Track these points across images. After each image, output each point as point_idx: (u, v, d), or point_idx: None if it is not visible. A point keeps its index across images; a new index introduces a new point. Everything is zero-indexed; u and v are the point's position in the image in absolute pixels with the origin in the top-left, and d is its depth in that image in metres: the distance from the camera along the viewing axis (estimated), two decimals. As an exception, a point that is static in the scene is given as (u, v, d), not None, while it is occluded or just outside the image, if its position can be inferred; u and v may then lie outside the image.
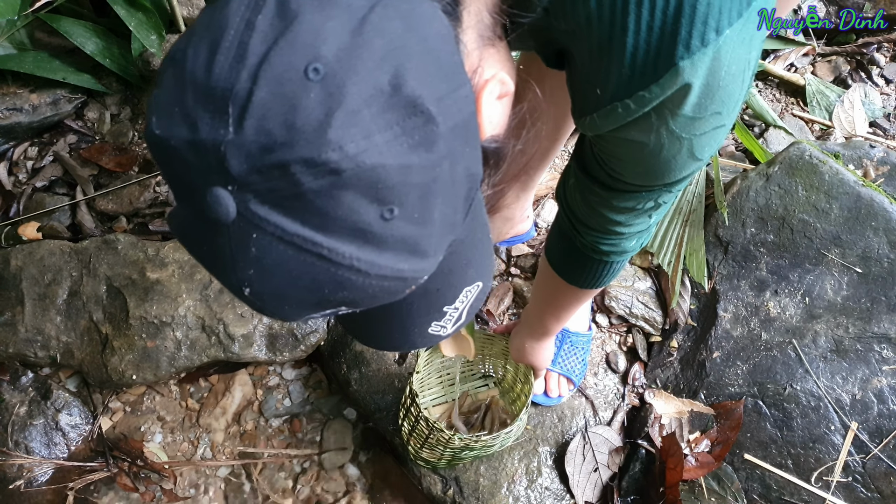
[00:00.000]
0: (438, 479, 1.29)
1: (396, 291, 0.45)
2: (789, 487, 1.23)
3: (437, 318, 0.54)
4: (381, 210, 0.40)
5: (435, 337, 0.56)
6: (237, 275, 0.42)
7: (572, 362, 1.34)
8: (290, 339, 1.40)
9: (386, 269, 0.42)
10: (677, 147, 0.60)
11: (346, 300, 0.43)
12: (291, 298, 0.43)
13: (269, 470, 1.37)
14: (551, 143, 1.23)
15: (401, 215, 0.41)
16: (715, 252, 1.42)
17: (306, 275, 0.41)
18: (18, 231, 1.53)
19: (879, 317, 1.28)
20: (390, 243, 0.41)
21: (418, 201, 0.41)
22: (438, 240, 0.45)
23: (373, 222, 0.40)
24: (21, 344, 1.38)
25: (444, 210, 0.44)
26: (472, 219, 0.50)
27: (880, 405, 1.24)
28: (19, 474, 1.33)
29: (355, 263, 0.41)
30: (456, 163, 0.44)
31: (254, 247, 0.40)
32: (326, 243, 0.40)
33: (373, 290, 0.43)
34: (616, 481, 1.29)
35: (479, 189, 0.50)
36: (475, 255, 0.54)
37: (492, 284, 0.56)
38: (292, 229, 0.39)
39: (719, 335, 1.35)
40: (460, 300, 0.54)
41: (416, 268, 0.44)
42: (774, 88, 1.90)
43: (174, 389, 1.45)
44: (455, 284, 0.53)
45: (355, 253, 0.41)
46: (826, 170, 1.38)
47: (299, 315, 0.46)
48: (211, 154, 0.38)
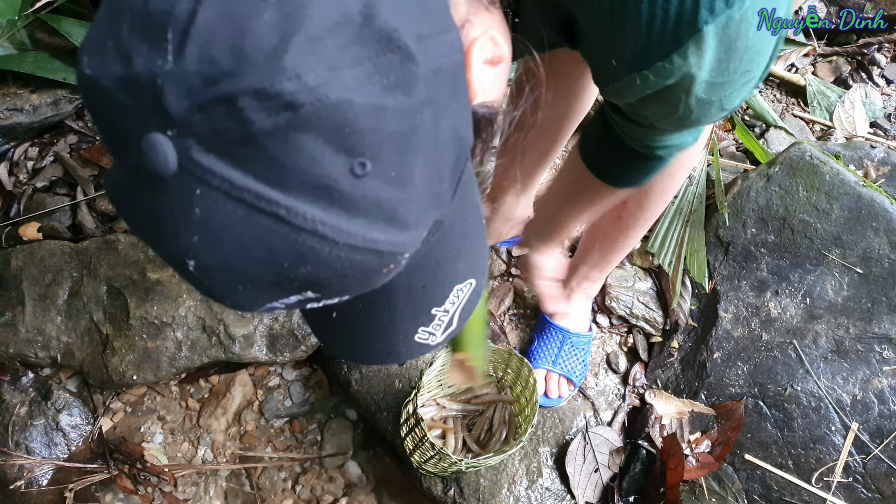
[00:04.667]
0: (439, 480, 1.29)
1: (371, 271, 0.37)
2: (790, 488, 1.23)
3: (424, 322, 0.47)
4: (349, 163, 0.34)
5: (422, 347, 0.49)
6: (179, 244, 0.35)
7: (573, 363, 1.34)
8: (291, 340, 1.40)
9: (357, 237, 0.35)
10: (706, 108, 0.56)
11: (310, 279, 0.36)
12: (245, 275, 0.36)
13: (269, 470, 1.37)
14: (551, 143, 1.23)
15: (374, 172, 0.34)
16: (716, 252, 1.42)
17: (260, 242, 0.34)
18: (19, 231, 1.53)
19: (880, 317, 1.28)
20: (362, 206, 0.35)
21: (395, 156, 0.35)
22: (420, 210, 0.38)
23: (340, 178, 0.34)
24: (21, 344, 1.38)
25: (427, 174, 0.37)
26: (462, 198, 0.44)
27: (881, 405, 1.24)
28: (20, 475, 1.33)
29: (319, 228, 0.34)
30: (440, 116, 0.37)
31: (198, 206, 0.34)
32: (284, 201, 0.33)
33: (342, 265, 0.36)
34: (617, 482, 1.29)
35: (468, 161, 0.43)
36: (466, 245, 0.47)
37: (486, 284, 0.51)
38: (242, 183, 0.33)
39: (720, 336, 1.35)
40: (450, 301, 0.47)
41: (394, 240, 0.37)
42: (775, 89, 1.90)
43: (175, 390, 1.45)
44: (444, 281, 0.47)
45: (319, 215, 0.34)
46: (827, 170, 1.38)
47: (257, 300, 0.38)
48: (146, 91, 0.32)
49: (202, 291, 0.38)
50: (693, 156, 1.01)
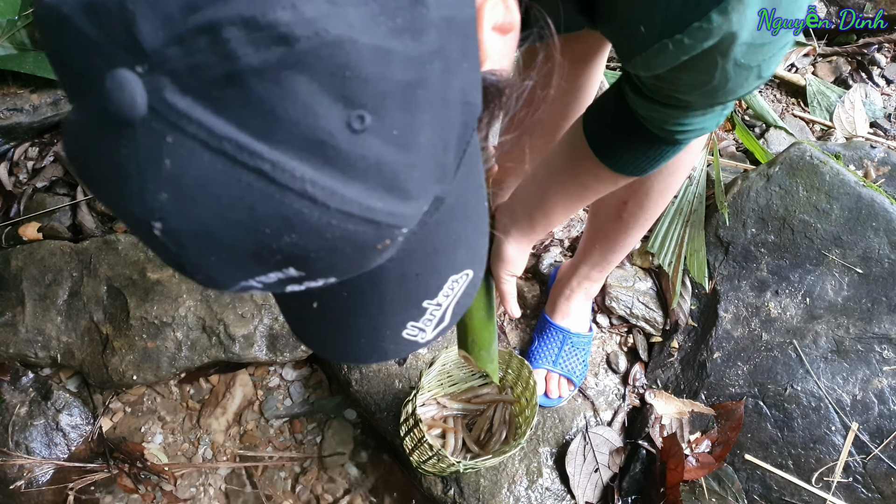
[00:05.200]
0: (439, 480, 1.29)
1: (365, 245, 0.33)
2: (790, 488, 1.23)
3: (414, 316, 0.43)
4: (347, 114, 0.29)
5: (411, 344, 0.44)
6: (145, 203, 0.30)
7: (573, 363, 1.34)
8: (291, 340, 1.40)
9: (352, 203, 0.31)
10: (744, 75, 0.51)
11: (295, 252, 0.32)
12: (220, 243, 0.31)
13: (269, 470, 1.37)
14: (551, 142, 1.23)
15: (375, 128, 0.30)
16: (716, 252, 1.42)
17: (240, 203, 0.29)
18: (19, 231, 1.53)
19: (880, 317, 1.28)
20: (360, 167, 0.30)
21: (400, 111, 0.31)
22: (423, 178, 0.33)
23: (336, 131, 0.29)
24: (22, 344, 1.38)
25: (433, 138, 0.33)
26: (466, 175, 0.39)
27: (881, 406, 1.24)
28: (20, 475, 1.33)
29: (309, 189, 0.29)
30: (451, 72, 0.33)
31: (168, 158, 0.29)
32: (270, 155, 0.29)
33: (332, 236, 0.31)
34: (617, 482, 1.29)
35: (475, 132, 0.39)
36: (467, 230, 0.42)
37: (482, 275, 0.45)
38: (222, 131, 0.28)
39: (720, 336, 1.35)
40: (444, 293, 0.43)
41: (393, 210, 0.32)
42: (775, 89, 1.90)
43: (175, 390, 1.45)
44: (440, 269, 0.42)
45: (310, 174, 0.29)
46: (827, 170, 1.38)
47: (232, 276, 0.33)
48: (114, 18, 0.28)
49: (170, 261, 0.33)
50: (693, 155, 1.00)
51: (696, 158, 1.02)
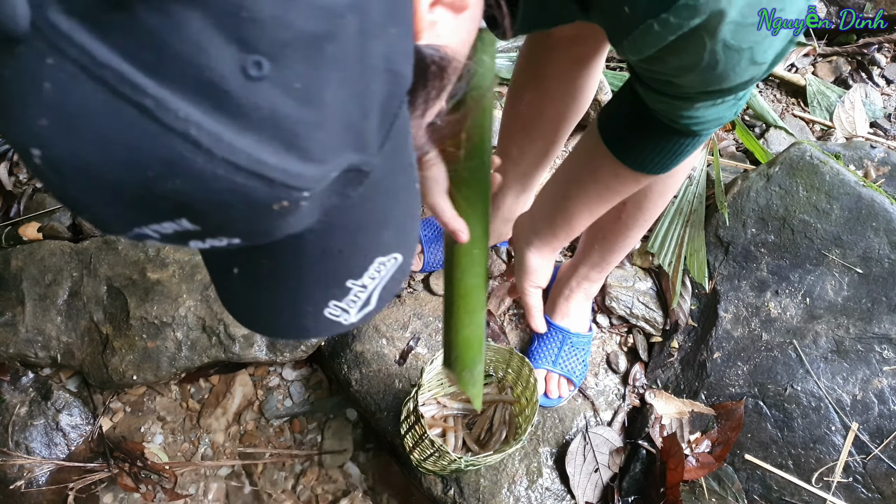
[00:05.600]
0: (439, 480, 1.29)
1: (258, 204, 0.31)
2: (790, 488, 1.23)
3: (337, 295, 0.41)
4: (243, 59, 0.27)
5: (333, 325, 0.43)
6: (25, 126, 0.28)
7: (573, 363, 1.34)
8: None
9: (240, 154, 0.28)
10: (735, 58, 0.50)
11: (183, 200, 0.30)
12: (103, 179, 0.29)
13: (269, 470, 1.37)
14: (550, 143, 1.23)
15: (273, 77, 0.28)
16: (716, 252, 1.42)
17: (122, 138, 0.28)
18: (19, 231, 1.53)
19: (880, 317, 1.28)
20: (254, 118, 0.28)
21: (302, 63, 0.29)
22: (330, 142, 0.31)
23: (229, 75, 0.27)
24: (21, 344, 1.38)
25: (345, 100, 0.31)
26: (394, 151, 0.37)
27: (881, 406, 1.24)
28: (20, 475, 1.33)
29: (193, 132, 0.28)
30: (369, 34, 0.31)
31: (48, 81, 0.27)
32: (154, 91, 0.27)
33: (220, 187, 0.29)
34: (617, 482, 1.29)
35: (404, 105, 0.37)
36: (395, 210, 0.41)
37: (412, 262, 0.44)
38: (105, 59, 0.26)
39: (720, 336, 1.36)
40: (370, 275, 0.41)
41: (290, 169, 0.30)
42: (775, 89, 1.90)
43: (175, 390, 1.45)
44: (364, 249, 0.40)
45: (196, 116, 0.27)
46: (827, 170, 1.38)
47: (122, 219, 0.31)
48: None
49: (56, 195, 0.31)
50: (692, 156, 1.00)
51: (696, 159, 1.02)
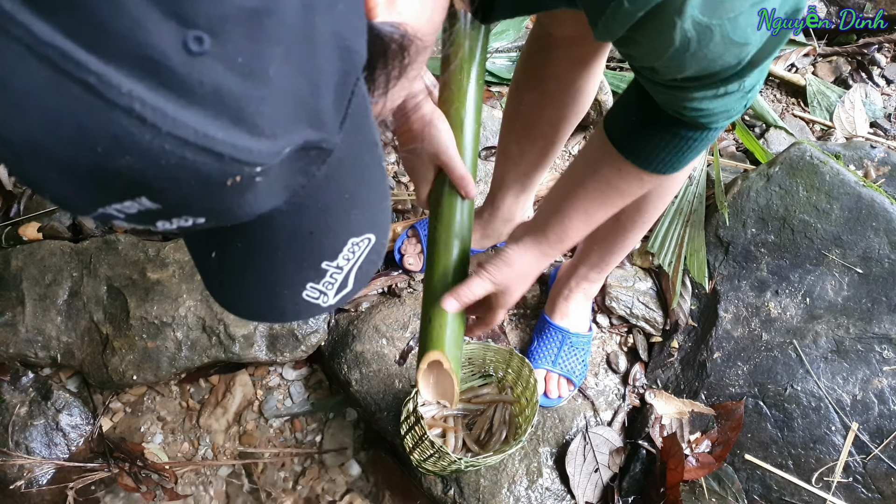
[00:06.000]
0: (439, 480, 1.29)
1: (209, 179, 0.31)
2: (790, 488, 1.23)
3: (313, 277, 0.42)
4: (183, 34, 0.28)
5: (312, 307, 0.43)
6: None
7: (573, 363, 1.34)
8: (291, 340, 1.40)
9: (185, 128, 0.29)
10: (707, 36, 0.51)
11: (135, 178, 0.30)
12: (55, 158, 0.29)
13: (269, 470, 1.37)
14: (550, 144, 1.23)
15: (215, 52, 0.28)
16: (716, 252, 1.42)
17: (70, 116, 0.28)
18: (19, 231, 1.53)
19: (880, 317, 1.28)
20: (198, 93, 0.29)
21: (243, 38, 0.29)
22: (279, 117, 0.32)
23: (170, 51, 0.28)
24: (21, 344, 1.38)
25: (292, 75, 0.31)
26: (355, 130, 0.38)
27: (881, 405, 1.24)
28: (20, 475, 1.33)
29: (137, 107, 0.28)
30: (315, 10, 0.32)
31: None
32: (97, 67, 0.27)
33: (168, 162, 0.29)
34: (617, 482, 1.29)
35: (361, 82, 0.37)
36: (361, 190, 0.41)
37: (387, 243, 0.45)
38: (48, 37, 0.27)
39: (720, 336, 1.36)
40: (344, 256, 0.42)
41: (238, 143, 0.30)
42: (775, 89, 1.90)
43: (175, 390, 1.45)
44: (335, 230, 0.41)
45: (140, 91, 0.28)
46: (827, 170, 1.38)
47: (83, 199, 0.32)
48: None
49: (15, 174, 0.32)
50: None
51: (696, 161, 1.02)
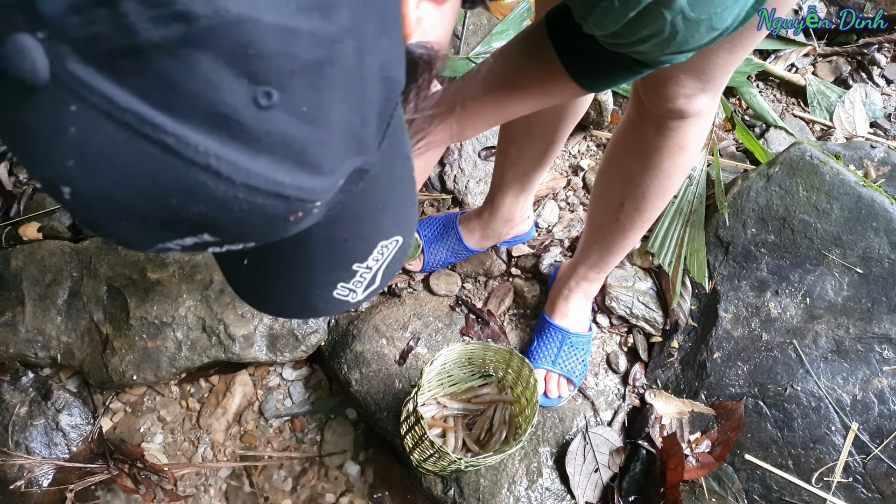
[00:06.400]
0: (439, 480, 1.29)
1: (275, 217, 0.33)
2: (790, 488, 1.23)
3: (344, 278, 0.44)
4: (253, 91, 0.29)
5: (342, 303, 0.46)
6: (54, 168, 0.30)
7: (572, 363, 1.34)
8: (291, 340, 1.40)
9: (258, 178, 0.31)
10: (694, 27, 0.53)
11: (205, 221, 0.32)
12: (128, 209, 0.31)
13: (269, 470, 1.37)
14: (549, 143, 1.23)
15: (282, 104, 0.30)
16: (716, 252, 1.42)
17: (145, 174, 0.30)
18: (19, 231, 1.53)
19: (880, 317, 1.28)
20: (266, 143, 0.30)
21: (308, 89, 0.31)
22: (337, 153, 0.34)
23: (241, 108, 0.29)
24: (21, 344, 1.38)
25: (348, 114, 0.33)
26: (391, 146, 0.40)
27: (881, 406, 1.24)
28: (20, 475, 1.33)
29: (213, 163, 0.30)
30: (365, 50, 0.33)
31: (73, 126, 0.29)
32: (173, 128, 0.29)
33: (240, 208, 0.31)
34: (617, 482, 1.29)
35: (399, 105, 0.39)
36: (393, 199, 0.44)
37: (413, 242, 0.47)
38: (124, 103, 0.28)
39: (720, 336, 1.35)
40: (374, 257, 0.44)
41: (303, 185, 0.32)
42: (775, 89, 1.90)
43: (175, 390, 1.45)
44: (367, 236, 0.43)
45: (214, 148, 0.29)
46: (827, 170, 1.38)
47: (146, 239, 0.34)
48: None
49: (82, 222, 0.34)
50: (691, 157, 1.00)
51: (694, 160, 1.02)
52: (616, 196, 1.11)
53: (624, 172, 1.07)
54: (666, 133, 0.96)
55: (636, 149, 1.02)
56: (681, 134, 0.95)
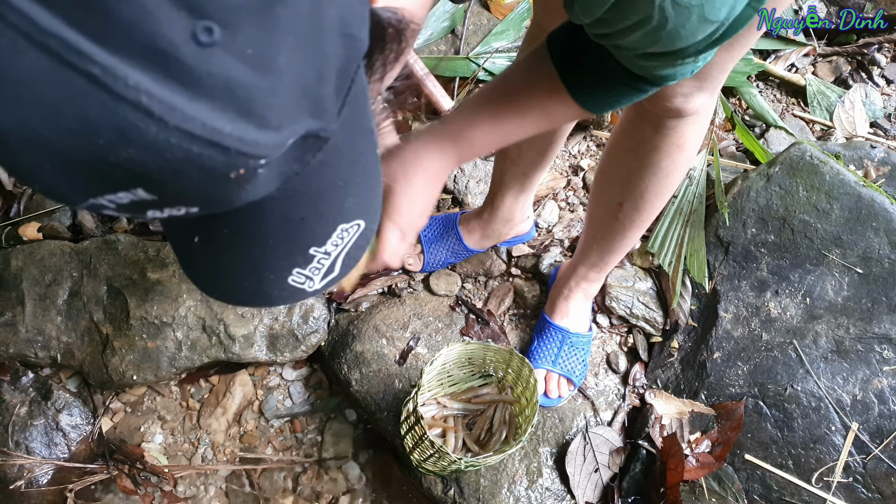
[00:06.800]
0: (439, 480, 1.29)
1: (214, 172, 0.30)
2: (790, 488, 1.23)
3: (300, 263, 0.41)
4: (192, 25, 0.27)
5: (297, 292, 0.43)
6: None
7: (573, 363, 1.34)
8: (291, 340, 1.40)
9: (194, 122, 0.28)
10: (685, 15, 0.52)
11: (137, 169, 0.29)
12: (52, 149, 0.28)
13: (269, 470, 1.37)
14: (549, 143, 1.23)
15: (225, 43, 0.27)
16: (716, 252, 1.42)
17: (70, 107, 0.27)
18: (19, 231, 1.53)
19: (880, 317, 1.28)
20: (207, 84, 0.28)
21: (254, 28, 0.28)
22: (287, 107, 0.31)
23: (180, 42, 0.26)
24: (21, 344, 1.38)
25: (300, 65, 0.31)
26: (353, 117, 0.37)
27: (881, 406, 1.24)
28: (20, 475, 1.33)
29: (144, 100, 0.27)
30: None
31: None
32: (102, 58, 0.26)
33: (174, 155, 0.28)
34: (617, 482, 1.29)
35: (361, 69, 0.36)
36: (356, 176, 0.41)
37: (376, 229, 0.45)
38: (49, 26, 0.25)
39: (720, 336, 1.35)
40: (333, 242, 0.41)
41: (245, 137, 0.29)
42: (775, 89, 1.90)
43: (175, 390, 1.45)
44: (326, 216, 0.40)
45: (147, 84, 0.26)
46: (827, 170, 1.38)
47: (76, 190, 0.31)
48: None
49: (6, 167, 0.30)
50: (690, 157, 1.01)
51: (693, 159, 1.02)
52: (615, 196, 1.11)
53: (622, 172, 1.07)
54: (664, 132, 0.96)
55: (634, 148, 1.02)
56: (679, 133, 0.95)
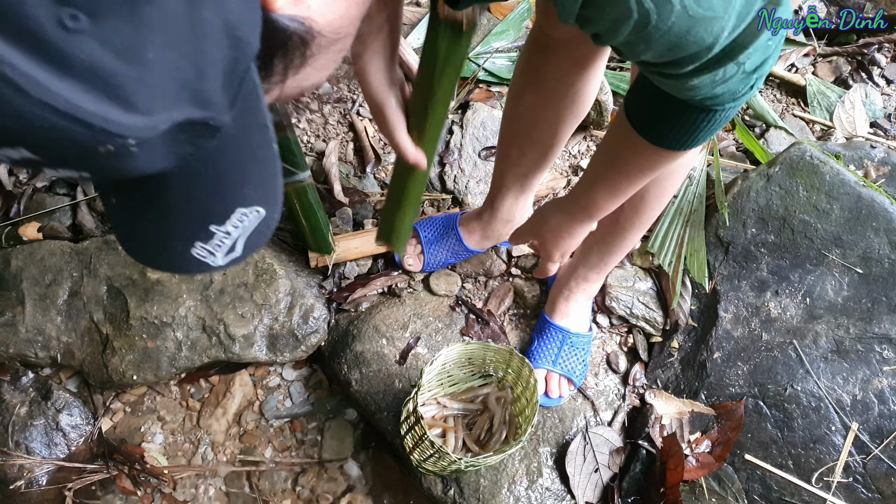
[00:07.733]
0: (439, 480, 1.29)
1: (83, 145, 0.33)
2: (790, 488, 1.23)
3: (202, 237, 0.45)
4: (57, 10, 0.29)
5: (201, 264, 0.47)
6: None
7: (573, 363, 1.34)
8: (291, 340, 1.40)
9: (57, 98, 0.30)
10: (668, 9, 0.50)
11: (11, 134, 0.32)
12: None
13: (269, 470, 1.37)
14: (549, 145, 1.23)
15: (91, 31, 0.30)
16: (716, 252, 1.42)
17: None
18: (19, 231, 1.53)
19: (880, 317, 1.28)
20: (76, 66, 0.30)
21: (122, 23, 0.31)
22: (158, 97, 0.34)
23: (45, 24, 0.29)
24: (22, 344, 1.38)
25: (174, 61, 0.33)
26: (246, 111, 0.41)
27: (881, 406, 1.24)
28: (20, 475, 1.33)
29: (8, 72, 0.29)
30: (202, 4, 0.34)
31: None
32: None
33: (40, 125, 0.31)
34: (617, 482, 1.29)
35: (252, 69, 0.40)
36: (252, 167, 0.45)
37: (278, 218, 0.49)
38: None
39: (720, 336, 1.35)
40: (232, 223, 0.45)
41: (110, 117, 0.32)
42: (775, 89, 1.90)
43: (175, 390, 1.45)
44: (224, 196, 0.45)
45: (14, 58, 0.29)
46: (827, 170, 1.38)
47: None
48: None
49: None
50: (690, 158, 1.00)
51: (693, 161, 1.02)
52: None
53: None
54: None
55: None
56: None
